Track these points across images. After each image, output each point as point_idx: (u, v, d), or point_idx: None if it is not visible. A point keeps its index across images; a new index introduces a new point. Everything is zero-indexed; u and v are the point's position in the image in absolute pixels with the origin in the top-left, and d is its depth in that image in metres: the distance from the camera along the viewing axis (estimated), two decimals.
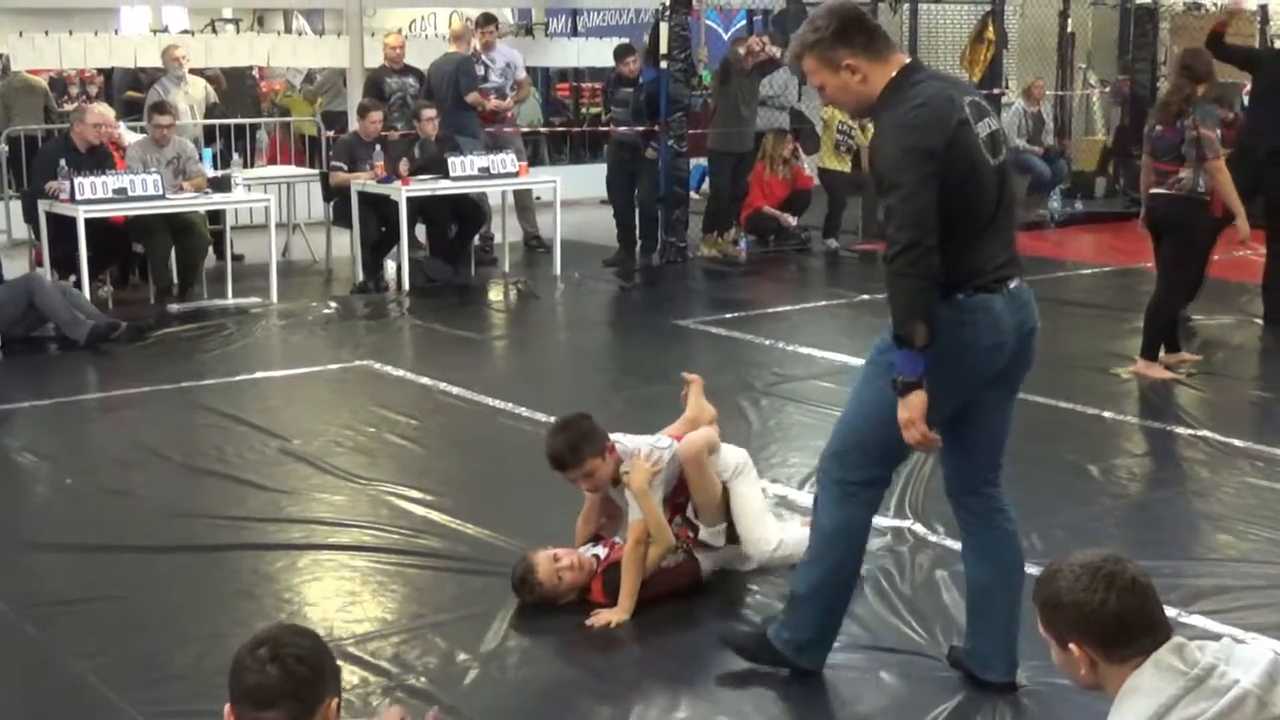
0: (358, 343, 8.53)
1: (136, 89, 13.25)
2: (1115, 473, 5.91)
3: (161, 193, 9.04)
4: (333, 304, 9.58)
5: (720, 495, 4.63)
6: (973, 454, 3.80)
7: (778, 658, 3.92)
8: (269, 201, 10.01)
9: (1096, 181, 14.60)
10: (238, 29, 17.60)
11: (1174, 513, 5.48)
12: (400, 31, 13.63)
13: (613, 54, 11.84)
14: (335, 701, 2.47)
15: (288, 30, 18.22)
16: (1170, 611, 3.91)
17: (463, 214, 10.45)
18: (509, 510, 5.24)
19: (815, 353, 8.01)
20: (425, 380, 7.39)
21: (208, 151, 10.63)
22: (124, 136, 10.28)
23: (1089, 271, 11.08)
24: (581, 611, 4.36)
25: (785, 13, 12.51)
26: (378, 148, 10.18)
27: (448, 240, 10.50)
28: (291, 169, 12.45)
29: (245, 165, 11.51)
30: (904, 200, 3.44)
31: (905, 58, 3.68)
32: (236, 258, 10.28)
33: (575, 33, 16.83)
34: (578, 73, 16.81)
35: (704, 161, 12.38)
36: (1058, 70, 14.52)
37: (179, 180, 9.49)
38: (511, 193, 11.31)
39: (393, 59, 11.49)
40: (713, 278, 10.94)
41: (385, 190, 9.91)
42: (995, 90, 14.04)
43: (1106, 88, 14.62)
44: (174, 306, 9.24)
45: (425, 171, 10.10)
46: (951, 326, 3.51)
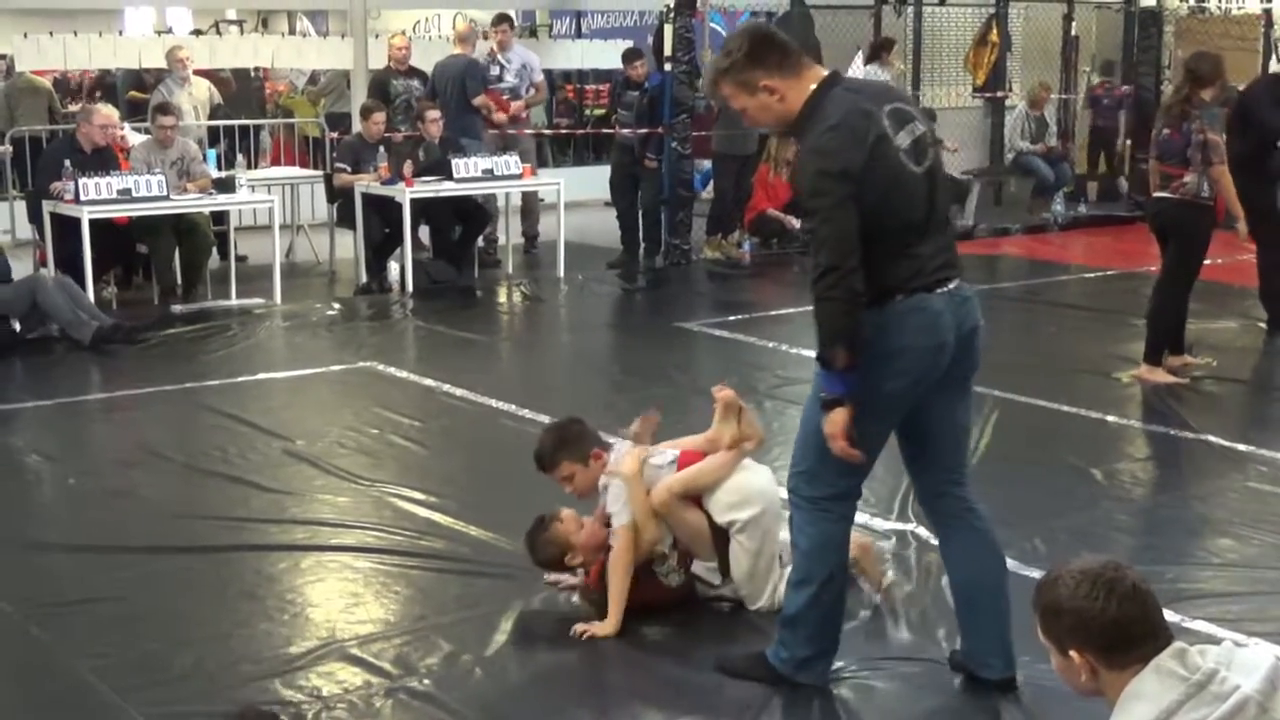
0: (361, 344, 8.53)
1: (140, 90, 13.27)
2: (1118, 476, 5.90)
3: (166, 194, 9.05)
4: (336, 305, 9.58)
5: (704, 532, 4.36)
6: (933, 458, 3.82)
7: (778, 677, 3.90)
8: (273, 203, 10.03)
9: (1089, 186, 14.58)
10: (242, 30, 17.59)
11: (1176, 517, 5.48)
12: (404, 33, 13.62)
13: (621, 57, 11.86)
14: None
15: (292, 32, 18.18)
16: (1172, 616, 3.92)
17: (466, 216, 10.46)
18: (512, 512, 5.21)
19: None
20: (429, 382, 7.40)
21: (212, 153, 10.63)
22: (128, 138, 10.29)
23: (1092, 275, 11.07)
24: (580, 612, 4.37)
25: (789, 15, 12.50)
26: (381, 149, 10.19)
27: (451, 242, 10.51)
28: (295, 170, 12.44)
29: (249, 166, 11.51)
30: (822, 224, 3.48)
31: (823, 71, 3.65)
32: (240, 259, 10.28)
33: (580, 35, 16.81)
34: (581, 75, 16.79)
35: (709, 163, 12.38)
36: (1061, 73, 14.52)
37: (183, 181, 9.51)
38: (517, 194, 11.31)
39: (398, 60, 11.49)
40: (716, 280, 10.94)
41: (389, 192, 9.92)
42: (999, 93, 14.06)
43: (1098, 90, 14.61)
44: (178, 307, 9.24)
45: (429, 173, 10.11)
46: (890, 330, 3.54)
